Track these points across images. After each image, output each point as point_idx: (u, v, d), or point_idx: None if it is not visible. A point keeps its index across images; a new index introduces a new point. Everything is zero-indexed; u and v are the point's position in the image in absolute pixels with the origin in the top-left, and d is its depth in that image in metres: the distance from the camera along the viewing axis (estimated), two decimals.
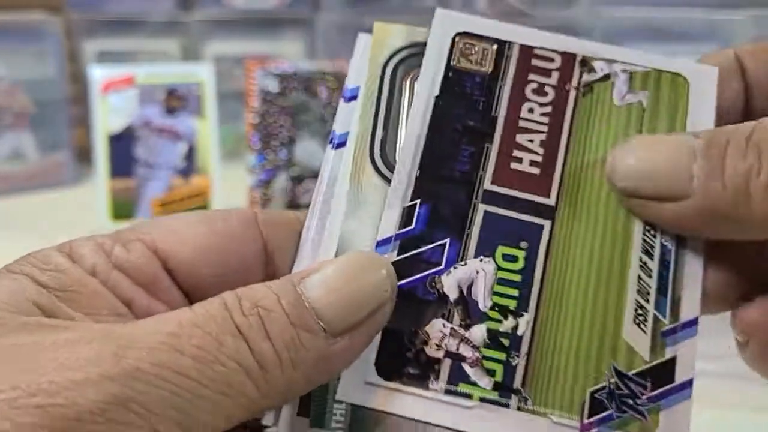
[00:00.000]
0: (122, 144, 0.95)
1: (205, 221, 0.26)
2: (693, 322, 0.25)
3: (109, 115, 0.95)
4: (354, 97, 0.28)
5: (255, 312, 0.22)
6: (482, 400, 0.24)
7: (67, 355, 0.19)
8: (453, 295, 0.25)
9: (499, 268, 0.26)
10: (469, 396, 0.24)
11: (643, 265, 0.26)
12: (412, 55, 0.28)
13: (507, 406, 0.24)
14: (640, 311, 0.25)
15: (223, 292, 0.22)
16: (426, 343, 0.25)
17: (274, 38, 1.21)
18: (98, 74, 0.95)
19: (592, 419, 0.24)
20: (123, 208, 0.94)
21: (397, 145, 0.27)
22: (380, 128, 0.27)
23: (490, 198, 0.26)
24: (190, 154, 0.98)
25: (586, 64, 0.28)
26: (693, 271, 0.26)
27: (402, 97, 0.28)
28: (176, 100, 0.97)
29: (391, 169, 0.27)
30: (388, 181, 0.27)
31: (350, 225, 0.26)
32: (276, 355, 0.21)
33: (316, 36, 1.20)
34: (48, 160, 1.15)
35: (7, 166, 1.12)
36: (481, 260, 0.26)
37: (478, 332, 0.25)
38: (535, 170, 0.27)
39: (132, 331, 0.20)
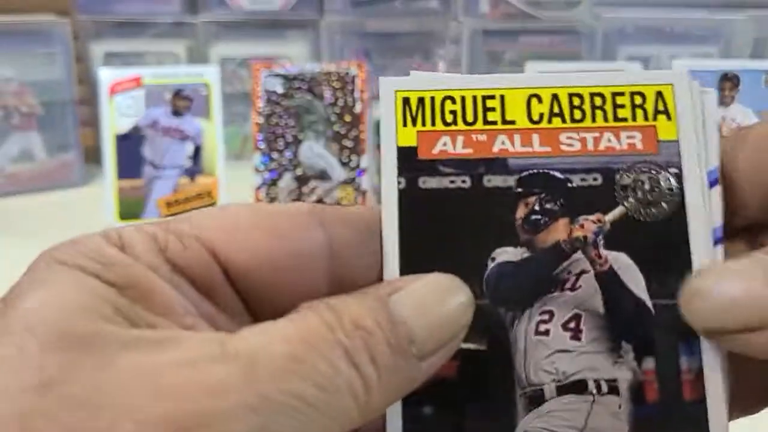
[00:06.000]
0: (129, 144, 0.97)
1: (265, 220, 0.24)
2: None
3: (117, 115, 0.96)
4: None
5: (358, 334, 0.21)
6: None
7: (198, 378, 0.19)
8: None
9: None
10: None
11: None
12: None
13: None
14: None
15: (312, 303, 0.22)
16: None
17: (280, 40, 1.22)
18: (106, 75, 0.96)
19: None
20: (130, 208, 0.95)
21: None
22: None
23: None
24: (197, 155, 0.99)
25: None
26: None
27: None
28: (183, 101, 0.98)
29: None
30: None
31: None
32: (379, 380, 0.21)
33: (320, 38, 1.21)
34: (56, 160, 1.16)
35: (15, 167, 1.13)
36: None
37: None
38: None
39: (247, 348, 0.20)
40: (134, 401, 0.18)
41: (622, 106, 0.26)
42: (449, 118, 0.26)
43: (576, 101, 0.26)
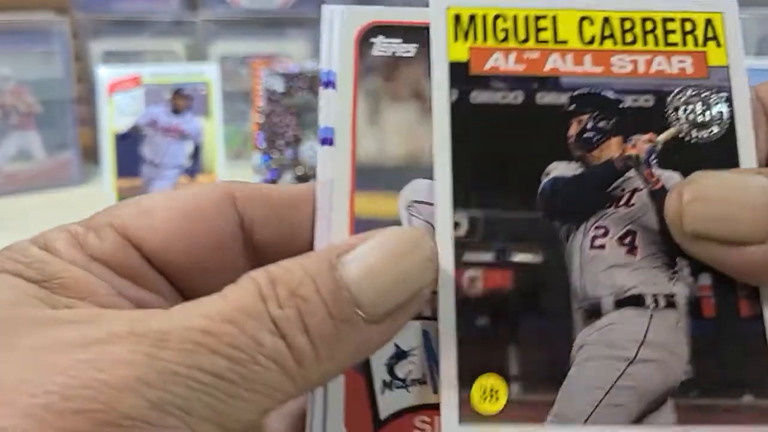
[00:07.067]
0: (128, 143, 0.96)
1: (176, 201, 0.25)
2: None
3: (116, 114, 0.95)
4: (330, 83, 0.26)
5: (293, 303, 0.20)
6: None
7: (98, 356, 0.19)
8: None
9: None
10: None
11: None
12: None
13: None
14: None
15: (255, 272, 0.21)
16: None
17: (280, 38, 1.21)
18: (104, 74, 0.95)
19: None
20: None
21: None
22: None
23: None
24: (196, 154, 0.98)
25: None
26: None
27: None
28: (182, 99, 0.97)
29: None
30: None
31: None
32: (314, 350, 0.20)
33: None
34: (55, 159, 1.16)
35: (14, 166, 1.13)
36: None
37: None
38: None
39: (161, 327, 0.19)
40: (31, 377, 0.18)
41: (673, 32, 0.26)
42: (501, 35, 0.26)
43: (627, 25, 0.26)
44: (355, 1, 0.28)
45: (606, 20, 0.26)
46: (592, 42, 0.26)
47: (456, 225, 0.24)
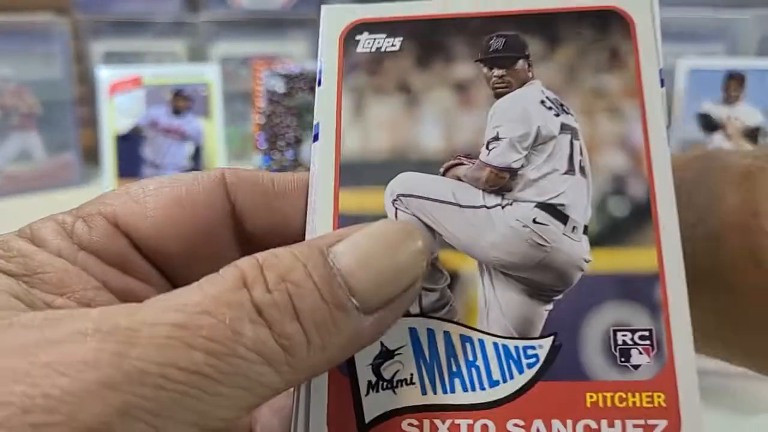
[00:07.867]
0: (129, 144, 0.96)
1: (167, 189, 0.24)
2: None
3: (116, 115, 0.95)
4: (319, 81, 0.27)
5: (282, 287, 0.19)
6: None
7: (60, 358, 0.17)
8: None
9: None
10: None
11: None
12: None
13: None
14: None
15: (241, 260, 0.20)
16: None
17: (281, 39, 1.21)
18: (105, 75, 0.95)
19: None
20: None
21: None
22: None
23: None
24: (197, 155, 0.98)
25: None
26: None
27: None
28: (183, 100, 0.97)
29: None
30: None
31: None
32: (305, 337, 0.19)
33: None
34: (55, 160, 1.15)
35: (14, 167, 1.13)
36: None
37: None
38: None
39: (131, 322, 0.18)
40: None
41: None
42: None
43: None
44: (352, 0, 0.29)
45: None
46: None
47: None
